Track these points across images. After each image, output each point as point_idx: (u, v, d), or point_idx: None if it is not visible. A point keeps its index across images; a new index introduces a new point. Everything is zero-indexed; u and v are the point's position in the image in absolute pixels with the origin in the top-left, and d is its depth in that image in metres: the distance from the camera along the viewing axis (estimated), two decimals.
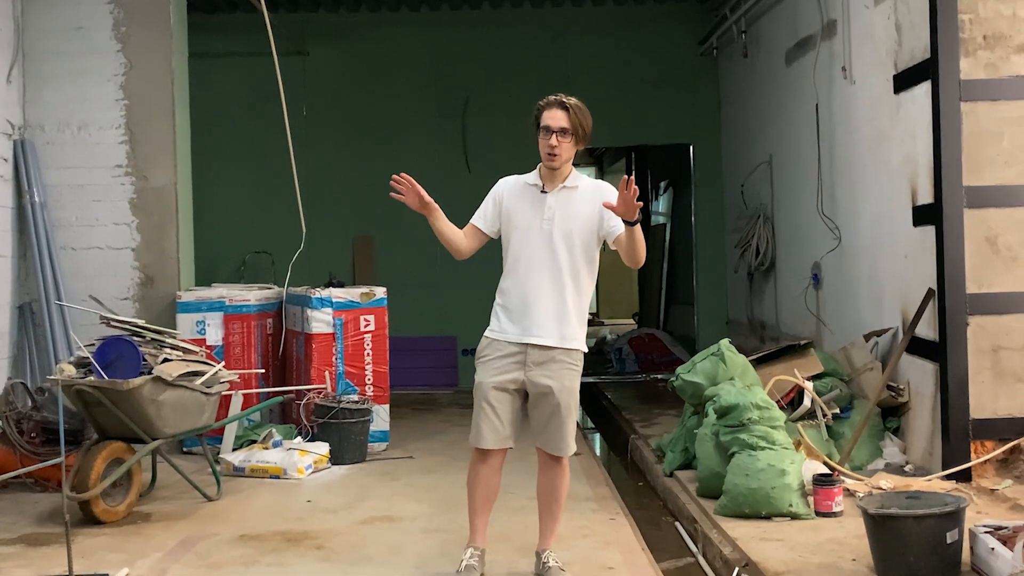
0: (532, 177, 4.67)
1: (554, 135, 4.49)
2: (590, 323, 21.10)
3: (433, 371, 11.44)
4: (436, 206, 4.58)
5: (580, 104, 4.54)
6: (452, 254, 4.74)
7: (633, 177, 4.27)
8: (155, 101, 8.08)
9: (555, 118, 4.50)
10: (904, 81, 6.42)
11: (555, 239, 4.55)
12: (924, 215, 6.18)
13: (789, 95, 9.02)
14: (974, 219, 5.92)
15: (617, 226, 4.47)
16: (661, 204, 15.91)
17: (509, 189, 4.68)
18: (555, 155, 4.51)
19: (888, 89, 6.66)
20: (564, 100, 4.52)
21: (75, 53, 8.04)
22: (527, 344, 4.52)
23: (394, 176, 4.49)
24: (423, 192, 4.53)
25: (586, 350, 4.65)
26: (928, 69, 6.05)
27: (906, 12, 6.38)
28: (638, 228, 4.36)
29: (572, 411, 4.60)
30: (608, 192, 4.56)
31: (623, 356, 12.70)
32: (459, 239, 4.67)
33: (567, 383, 4.56)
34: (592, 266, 4.64)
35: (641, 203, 4.27)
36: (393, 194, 4.55)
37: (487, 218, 4.70)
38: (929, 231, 6.09)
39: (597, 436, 9.35)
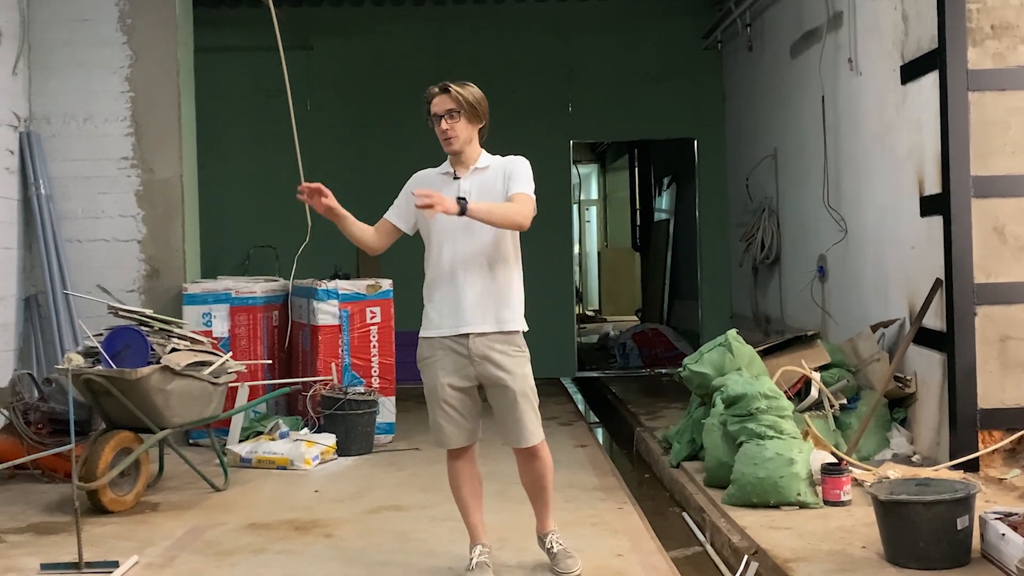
0: (444, 166, 4.58)
1: (442, 119, 4.40)
2: (593, 320, 20.99)
3: None
4: (343, 213, 4.49)
5: (461, 83, 4.46)
6: (365, 252, 4.70)
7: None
8: (160, 93, 8.09)
9: (439, 103, 4.42)
10: (911, 72, 6.42)
11: (475, 223, 4.36)
12: (931, 205, 6.18)
13: (794, 88, 9.02)
14: (981, 209, 5.92)
15: (509, 190, 4.40)
16: (665, 199, 15.90)
17: (421, 182, 4.55)
18: (451, 138, 4.41)
19: (895, 80, 6.66)
20: (443, 84, 4.45)
21: (81, 45, 8.05)
22: (467, 335, 4.39)
23: (300, 187, 4.39)
24: (330, 197, 4.41)
25: (526, 328, 4.52)
26: (935, 59, 6.04)
27: (912, 2, 6.37)
28: (475, 211, 4.20)
29: (530, 398, 4.46)
30: (513, 163, 4.48)
31: (627, 351, 12.72)
32: (368, 236, 4.56)
33: (519, 371, 4.43)
34: (516, 241, 4.51)
35: (442, 200, 4.10)
36: (300, 196, 4.44)
37: (399, 211, 4.58)
38: (936, 221, 6.09)
39: (601, 430, 9.35)
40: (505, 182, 4.45)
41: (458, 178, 4.50)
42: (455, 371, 4.43)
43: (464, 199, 4.22)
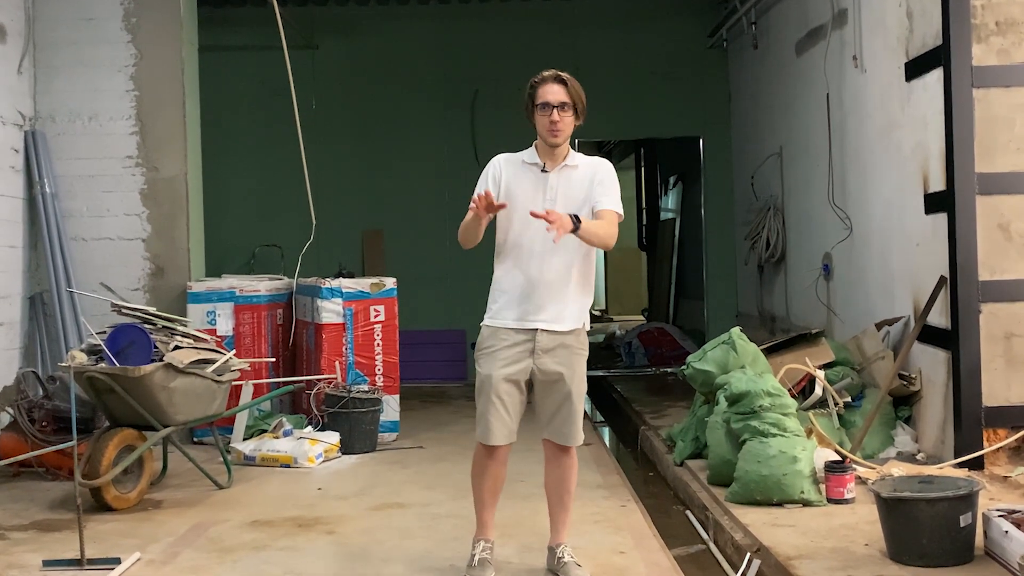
0: (529, 155, 4.49)
1: (555, 110, 4.34)
2: (599, 319, 20.95)
3: (442, 364, 11.42)
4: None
5: (574, 79, 4.43)
6: (464, 245, 4.47)
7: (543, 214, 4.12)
8: (165, 92, 8.09)
9: (554, 93, 4.38)
10: (916, 68, 6.40)
11: None
12: (936, 203, 6.16)
13: (800, 85, 9.00)
14: (986, 206, 5.90)
15: (599, 201, 4.38)
16: (670, 198, 15.88)
17: (507, 167, 4.48)
18: (558, 131, 4.35)
19: (899, 77, 6.64)
20: (561, 74, 4.41)
21: (86, 43, 8.05)
22: (535, 330, 4.36)
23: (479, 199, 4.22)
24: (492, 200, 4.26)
25: (589, 327, 4.53)
26: (940, 56, 6.03)
27: None
28: (582, 230, 4.18)
29: (582, 397, 4.48)
30: (603, 168, 4.47)
31: (632, 350, 12.69)
32: (480, 232, 4.40)
33: (577, 369, 4.43)
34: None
35: (561, 219, 4.07)
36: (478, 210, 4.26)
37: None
38: (941, 219, 6.07)
39: (607, 428, 9.34)
40: (592, 186, 4.42)
41: (546, 171, 4.43)
42: (513, 362, 4.37)
43: (577, 217, 4.17)
